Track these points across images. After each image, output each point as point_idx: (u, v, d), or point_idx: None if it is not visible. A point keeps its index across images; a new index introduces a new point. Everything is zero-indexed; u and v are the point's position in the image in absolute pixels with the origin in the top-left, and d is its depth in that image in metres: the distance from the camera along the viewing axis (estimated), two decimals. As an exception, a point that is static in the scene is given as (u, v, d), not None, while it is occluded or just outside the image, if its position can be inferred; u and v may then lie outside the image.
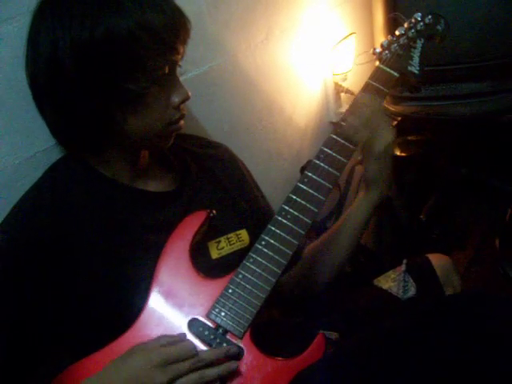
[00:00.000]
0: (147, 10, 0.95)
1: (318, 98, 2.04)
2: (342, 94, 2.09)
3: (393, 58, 1.17)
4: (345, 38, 1.97)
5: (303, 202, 1.05)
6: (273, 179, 1.81)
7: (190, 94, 1.06)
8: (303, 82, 1.95)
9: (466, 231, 2.15)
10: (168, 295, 1.00)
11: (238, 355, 0.96)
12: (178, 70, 1.05)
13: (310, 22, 1.91)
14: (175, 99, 1.04)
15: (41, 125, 1.04)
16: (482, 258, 2.03)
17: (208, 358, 0.93)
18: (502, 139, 2.08)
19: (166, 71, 1.00)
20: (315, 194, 1.06)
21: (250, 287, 0.99)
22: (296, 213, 1.04)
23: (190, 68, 1.06)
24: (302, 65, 1.92)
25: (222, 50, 1.60)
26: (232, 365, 0.94)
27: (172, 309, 0.99)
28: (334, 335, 1.18)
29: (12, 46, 1.06)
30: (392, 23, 1.81)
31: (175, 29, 0.98)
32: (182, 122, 1.08)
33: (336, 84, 2.05)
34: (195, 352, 0.92)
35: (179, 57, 1.02)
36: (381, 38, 1.95)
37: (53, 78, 0.97)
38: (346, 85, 2.04)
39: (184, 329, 0.97)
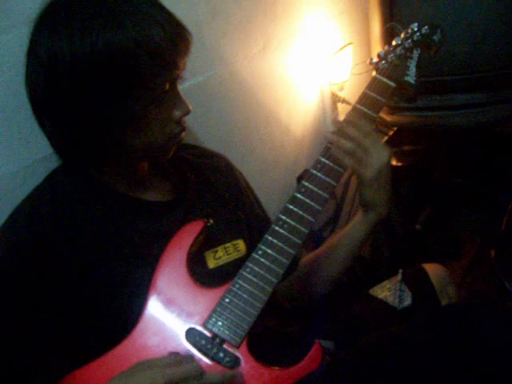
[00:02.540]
0: (146, 27, 0.93)
1: (315, 107, 2.05)
2: (339, 104, 2.10)
3: (389, 68, 1.17)
4: (342, 48, 1.99)
5: (300, 212, 1.05)
6: (269, 188, 1.81)
7: (190, 107, 1.05)
8: (300, 91, 1.96)
9: (461, 241, 2.15)
10: (165, 305, 0.99)
11: (234, 365, 0.96)
12: (179, 81, 1.05)
13: (308, 33, 1.92)
14: (176, 114, 1.03)
15: (39, 133, 1.03)
16: (477, 268, 2.03)
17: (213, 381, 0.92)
18: (497, 149, 2.09)
19: (167, 87, 1.00)
20: (312, 203, 1.06)
21: (246, 296, 0.99)
22: (293, 222, 1.04)
23: (188, 77, 1.07)
24: (299, 75, 1.93)
25: (219, 60, 1.61)
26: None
27: (169, 318, 0.99)
28: (328, 344, 1.18)
29: (12, 54, 1.06)
30: (389, 33, 1.82)
31: (175, 45, 0.97)
32: (183, 134, 1.08)
33: (333, 94, 2.06)
34: (200, 374, 0.91)
35: (179, 72, 1.01)
36: (378, 48, 1.96)
37: (51, 93, 0.96)
38: (342, 95, 2.05)
39: (181, 338, 0.97)
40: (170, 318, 0.99)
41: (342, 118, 1.13)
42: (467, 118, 1.90)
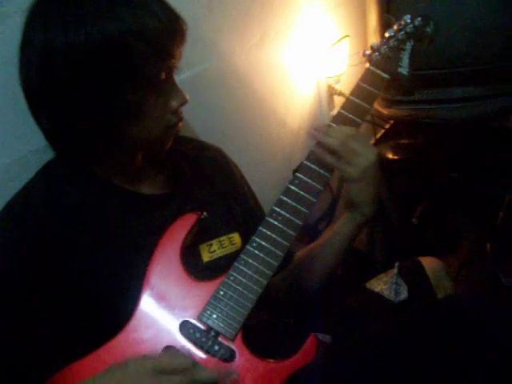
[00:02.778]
0: (141, 16, 0.93)
1: (311, 100, 2.05)
2: (335, 97, 2.10)
3: (383, 60, 1.17)
4: (338, 40, 1.98)
5: (294, 204, 1.05)
6: (265, 181, 1.81)
7: (188, 97, 1.05)
8: (297, 84, 1.96)
9: (457, 235, 2.16)
10: (159, 298, 0.99)
11: (229, 357, 0.95)
12: (175, 71, 1.04)
13: (304, 25, 1.92)
14: (173, 104, 1.03)
15: (33, 124, 1.03)
16: (473, 261, 2.04)
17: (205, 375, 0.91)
18: (494, 143, 2.10)
19: (163, 77, 0.99)
20: (306, 195, 1.06)
21: (241, 289, 0.99)
22: (287, 214, 1.04)
23: (184, 69, 1.06)
24: (296, 67, 1.92)
25: (216, 52, 1.60)
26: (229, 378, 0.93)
27: (163, 311, 0.98)
28: (326, 337, 1.18)
29: (6, 44, 1.05)
30: (385, 26, 1.82)
31: (170, 34, 0.97)
32: (180, 124, 1.07)
33: (329, 86, 2.06)
34: (192, 365, 0.88)
35: (176, 61, 1.01)
36: (374, 41, 1.96)
37: (46, 85, 0.96)
38: (339, 87, 2.05)
39: (175, 331, 0.97)
40: (164, 311, 0.99)
41: (337, 110, 1.13)
42: (464, 112, 1.90)
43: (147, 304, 0.99)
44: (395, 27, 1.19)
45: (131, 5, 0.93)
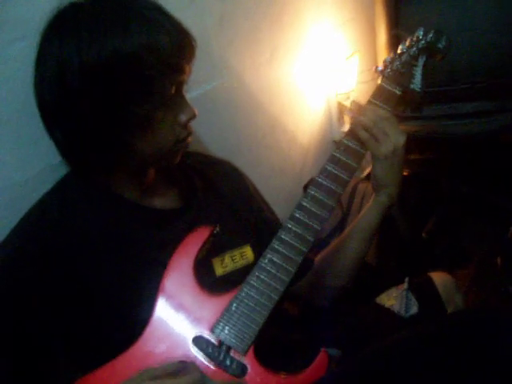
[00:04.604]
0: (153, 32, 0.95)
1: (321, 116, 2.06)
2: (345, 113, 2.11)
3: (395, 76, 1.18)
4: (348, 57, 2.00)
5: (306, 220, 1.06)
6: (275, 197, 1.81)
7: (196, 112, 1.06)
8: (307, 100, 1.97)
9: (467, 249, 2.15)
10: (172, 311, 1.00)
11: (241, 372, 0.96)
12: (184, 87, 1.06)
13: (314, 42, 1.93)
14: (182, 118, 1.04)
15: (49, 141, 1.04)
16: (483, 276, 2.03)
17: None
18: (503, 158, 2.10)
19: (173, 91, 1.01)
20: (318, 211, 1.07)
21: (253, 304, 1.00)
22: (299, 230, 1.05)
23: (195, 86, 1.08)
24: (306, 84, 1.94)
25: (226, 69, 1.62)
26: None
27: (176, 325, 0.99)
28: (336, 352, 1.18)
29: (22, 64, 1.07)
30: (395, 41, 1.83)
31: (181, 50, 0.99)
32: (189, 139, 1.09)
33: (339, 103, 2.07)
34: (201, 379, 0.91)
35: (185, 76, 1.03)
36: (384, 56, 1.96)
37: (60, 100, 0.98)
38: (349, 104, 2.06)
39: (188, 345, 0.98)
40: (177, 324, 0.99)
41: (347, 127, 1.14)
42: (473, 127, 1.90)
43: (160, 317, 1.00)
44: (407, 42, 1.18)
45: (143, 21, 0.96)
